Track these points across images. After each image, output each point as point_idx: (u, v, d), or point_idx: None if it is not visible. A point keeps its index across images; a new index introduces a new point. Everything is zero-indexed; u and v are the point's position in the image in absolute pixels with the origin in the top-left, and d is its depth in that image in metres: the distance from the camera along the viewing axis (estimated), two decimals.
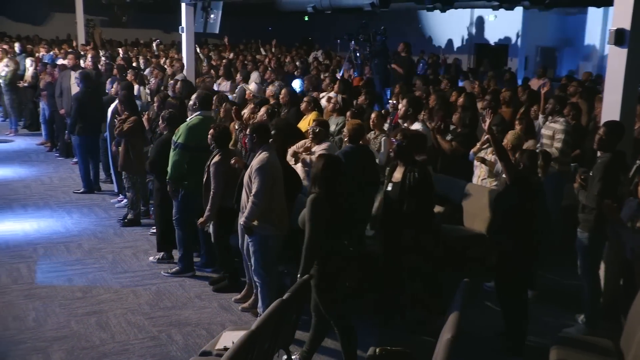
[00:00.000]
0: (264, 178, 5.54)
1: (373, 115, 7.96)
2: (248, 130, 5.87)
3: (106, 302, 6.25)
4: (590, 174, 5.64)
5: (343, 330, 4.93)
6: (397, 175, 5.63)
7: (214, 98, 8.98)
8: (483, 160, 7.18)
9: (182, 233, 7.02)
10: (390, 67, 13.38)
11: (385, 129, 8.16)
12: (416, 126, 7.39)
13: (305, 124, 8.17)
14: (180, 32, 14.57)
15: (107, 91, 10.66)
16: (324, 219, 4.79)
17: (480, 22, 22.78)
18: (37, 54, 17.72)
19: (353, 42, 14.09)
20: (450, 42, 23.60)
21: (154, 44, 21.14)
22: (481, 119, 5.80)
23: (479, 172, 7.27)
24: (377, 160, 7.52)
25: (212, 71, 14.62)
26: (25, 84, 14.66)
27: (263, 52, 21.60)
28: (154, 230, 7.96)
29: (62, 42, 23.96)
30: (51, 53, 18.13)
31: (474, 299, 6.28)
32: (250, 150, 5.89)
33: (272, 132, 6.03)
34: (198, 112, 7.04)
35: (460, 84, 13.41)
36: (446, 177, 7.74)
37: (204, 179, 6.42)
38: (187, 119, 7.09)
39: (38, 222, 8.59)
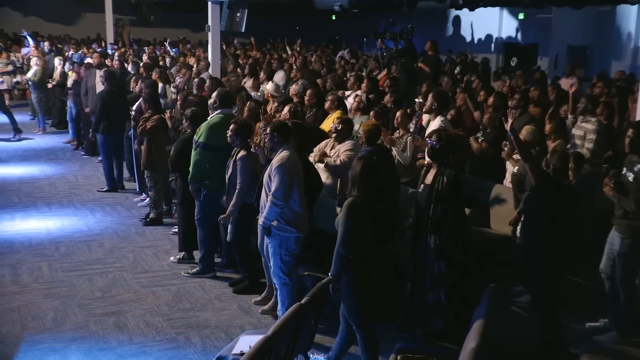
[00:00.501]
0: (284, 176, 5.42)
1: (398, 114, 7.78)
2: (268, 129, 5.76)
3: (125, 303, 6.18)
4: (630, 179, 5.38)
5: (366, 336, 4.79)
6: (430, 177, 5.46)
7: (237, 98, 8.95)
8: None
9: (203, 233, 6.94)
10: (417, 66, 13.17)
11: (411, 129, 7.99)
12: (437, 121, 7.23)
13: (330, 123, 8.03)
14: (206, 30, 14.50)
15: (131, 90, 10.65)
16: (359, 224, 4.67)
17: (509, 21, 22.42)
18: (65, 53, 17.92)
19: (379, 40, 13.89)
20: (478, 41, 23.27)
21: (166, 44, 21.14)
22: (503, 120, 5.58)
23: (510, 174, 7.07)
24: (400, 161, 7.38)
25: (237, 70, 14.54)
26: (54, 83, 14.74)
27: (289, 52, 21.52)
28: (176, 230, 7.91)
29: (92, 41, 24.15)
30: (79, 52, 18.29)
31: (501, 304, 6.11)
32: (271, 150, 5.77)
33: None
34: (219, 111, 6.94)
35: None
36: (474, 178, 7.56)
37: (228, 175, 6.31)
38: (208, 118, 7.00)
39: (61, 220, 8.58)
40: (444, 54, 20.16)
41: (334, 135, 6.96)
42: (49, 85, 14.70)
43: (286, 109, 7.61)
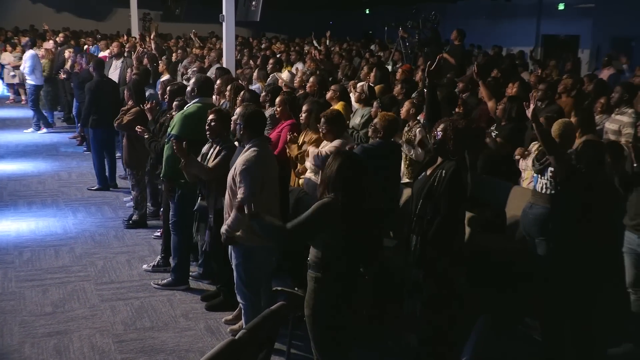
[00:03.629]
0: (251, 183, 4.53)
1: (407, 104, 6.83)
2: (237, 117, 4.87)
3: (76, 320, 5.37)
4: None
5: None
6: (430, 171, 4.50)
7: (229, 87, 8.10)
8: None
9: (178, 239, 6.11)
10: (441, 57, 12.13)
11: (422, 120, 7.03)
12: None
13: None
14: (220, 20, 13.73)
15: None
16: (323, 228, 3.75)
17: (548, 12, 21.16)
18: (85, 47, 17.43)
19: (400, 29, 12.90)
20: (516, 33, 22.06)
21: (191, 34, 20.45)
22: (524, 105, 4.60)
23: (526, 174, 6.06)
24: (412, 157, 6.44)
25: (251, 61, 13.74)
26: (64, 76, 14.16)
27: (316, 45, 20.66)
28: (158, 234, 7.14)
29: (117, 36, 23.68)
30: (97, 45, 17.76)
31: (514, 328, 5.14)
32: (239, 142, 4.90)
33: None
34: (196, 99, 6.10)
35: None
36: (487, 177, 6.57)
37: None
38: (185, 107, 6.16)
39: (37, 221, 7.85)
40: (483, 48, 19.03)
41: (322, 132, 6.02)
42: (60, 77, 14.10)
43: (278, 99, 6.72)
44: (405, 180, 6.39)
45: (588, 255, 4.33)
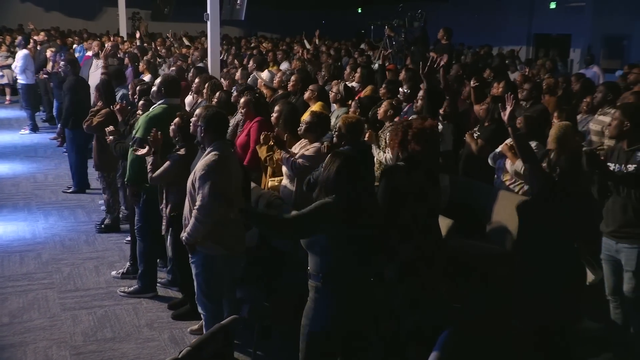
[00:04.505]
0: (210, 189, 4.31)
1: (385, 105, 6.62)
2: (197, 118, 4.64)
3: (33, 331, 5.14)
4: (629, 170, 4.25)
5: None
6: None
7: (206, 85, 7.88)
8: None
9: (144, 245, 5.87)
10: (428, 56, 11.91)
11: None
12: None
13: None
14: (205, 19, 13.52)
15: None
16: (323, 225, 3.53)
17: (540, 10, 20.96)
18: (73, 46, 17.21)
19: (386, 28, 12.67)
20: (507, 32, 21.87)
21: (171, 35, 20.26)
22: (499, 107, 4.38)
23: (504, 176, 5.85)
24: (381, 161, 6.21)
25: (236, 61, 13.52)
26: (45, 76, 13.90)
27: (307, 45, 20.44)
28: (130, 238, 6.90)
29: (106, 36, 23.41)
30: (81, 45, 17.48)
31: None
32: (200, 145, 4.68)
33: None
34: (162, 100, 5.86)
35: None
36: (467, 180, 6.36)
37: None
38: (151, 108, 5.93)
39: (6, 226, 7.60)
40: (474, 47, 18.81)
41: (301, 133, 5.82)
42: (41, 76, 13.84)
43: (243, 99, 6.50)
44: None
45: (563, 277, 4.10)
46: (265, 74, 9.54)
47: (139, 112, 6.30)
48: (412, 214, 4.08)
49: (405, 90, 7.06)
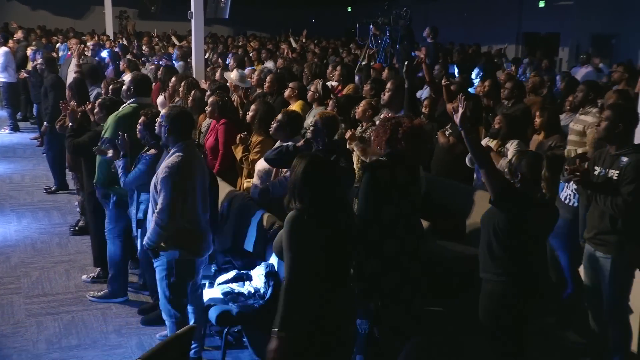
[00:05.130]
0: (172, 193, 4.15)
1: (363, 104, 6.48)
2: (161, 117, 4.48)
3: None
4: (614, 176, 4.11)
5: None
6: None
7: (182, 84, 7.73)
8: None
9: (114, 248, 5.70)
10: (415, 55, 11.79)
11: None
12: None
13: None
14: (189, 17, 13.36)
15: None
16: (313, 245, 3.36)
17: (529, 9, 20.88)
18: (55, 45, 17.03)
19: (371, 26, 12.53)
20: (496, 31, 21.80)
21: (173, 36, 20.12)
22: (453, 108, 4.18)
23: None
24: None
25: (219, 60, 13.36)
26: (26, 75, 13.68)
27: (293, 44, 20.29)
28: None
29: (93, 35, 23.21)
30: (65, 43, 17.28)
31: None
32: (164, 146, 4.52)
33: None
34: (132, 99, 5.71)
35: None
36: (444, 180, 6.21)
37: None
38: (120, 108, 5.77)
39: None
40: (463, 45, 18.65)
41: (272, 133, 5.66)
42: (21, 76, 13.62)
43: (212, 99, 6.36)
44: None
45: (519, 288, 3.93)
46: (234, 74, 9.32)
47: (96, 111, 6.09)
48: (396, 210, 3.96)
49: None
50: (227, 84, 8.43)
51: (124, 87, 5.85)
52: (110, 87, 6.54)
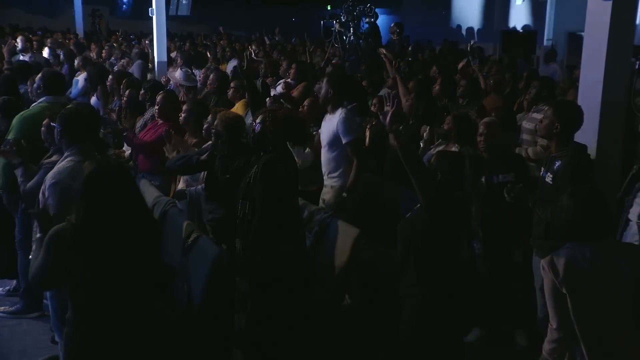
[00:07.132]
0: (59, 201, 3.71)
1: (306, 103, 6.14)
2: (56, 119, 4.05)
3: None
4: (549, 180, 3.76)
5: None
6: None
7: (123, 82, 7.33)
8: None
9: (26, 259, 5.25)
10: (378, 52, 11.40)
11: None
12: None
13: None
14: (150, 14, 12.97)
15: None
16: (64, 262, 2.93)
17: (506, 7, 20.57)
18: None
19: (335, 23, 12.14)
20: (473, 28, 21.48)
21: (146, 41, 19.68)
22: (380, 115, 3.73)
23: None
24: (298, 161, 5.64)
25: (179, 59, 12.93)
26: None
27: (267, 43, 19.89)
28: None
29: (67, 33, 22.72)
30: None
31: None
32: (56, 151, 4.08)
33: None
34: (43, 98, 5.27)
35: None
36: (395, 183, 5.80)
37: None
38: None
39: None
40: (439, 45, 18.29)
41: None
42: None
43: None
44: None
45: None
46: (177, 73, 8.88)
47: None
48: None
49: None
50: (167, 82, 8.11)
51: (34, 85, 5.41)
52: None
